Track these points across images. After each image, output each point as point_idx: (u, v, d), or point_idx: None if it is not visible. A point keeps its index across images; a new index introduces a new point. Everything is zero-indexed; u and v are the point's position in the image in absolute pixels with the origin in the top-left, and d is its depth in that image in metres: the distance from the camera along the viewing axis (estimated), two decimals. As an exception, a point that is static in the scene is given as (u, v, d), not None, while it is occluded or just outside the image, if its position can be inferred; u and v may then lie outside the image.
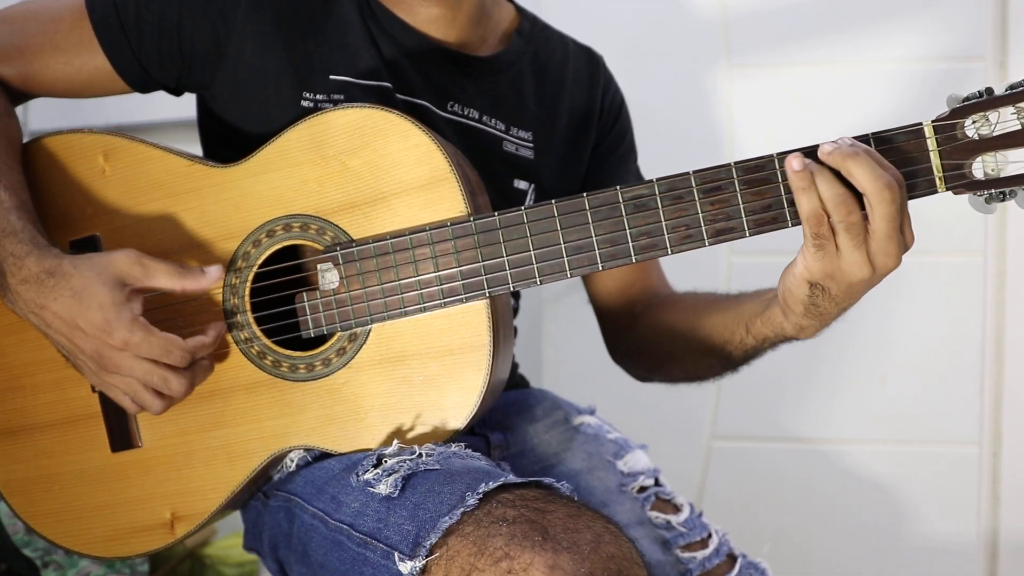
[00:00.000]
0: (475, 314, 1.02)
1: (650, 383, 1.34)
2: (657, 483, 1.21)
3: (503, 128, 1.23)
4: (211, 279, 1.02)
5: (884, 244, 0.91)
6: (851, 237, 0.91)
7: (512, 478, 0.92)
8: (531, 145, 1.25)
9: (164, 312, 1.07)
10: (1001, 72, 1.80)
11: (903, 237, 0.92)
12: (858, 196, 0.90)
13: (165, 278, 1.00)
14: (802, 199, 0.91)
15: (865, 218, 0.91)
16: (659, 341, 1.25)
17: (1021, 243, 1.84)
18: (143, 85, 1.16)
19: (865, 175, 0.89)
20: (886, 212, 0.89)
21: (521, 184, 1.24)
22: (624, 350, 1.34)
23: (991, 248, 1.85)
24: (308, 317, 1.06)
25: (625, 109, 1.37)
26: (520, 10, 1.31)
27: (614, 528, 0.89)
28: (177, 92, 1.19)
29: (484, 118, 1.21)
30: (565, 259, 1.00)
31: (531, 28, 1.29)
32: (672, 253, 0.98)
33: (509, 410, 1.27)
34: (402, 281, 1.03)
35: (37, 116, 1.21)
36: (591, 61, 1.34)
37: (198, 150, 1.20)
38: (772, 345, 1.10)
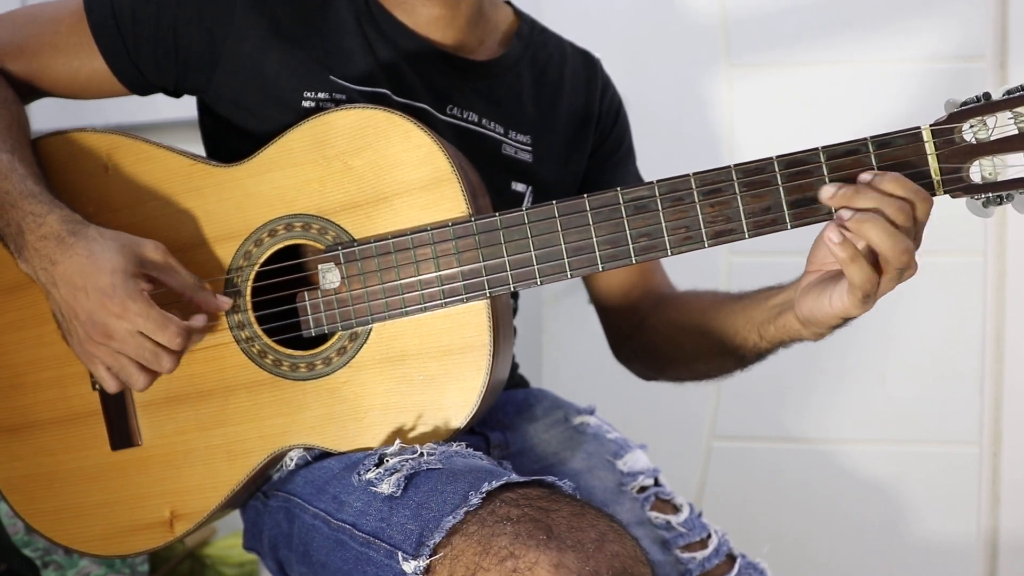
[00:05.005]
0: (475, 314, 1.02)
1: (654, 381, 1.34)
2: (657, 483, 1.21)
3: (502, 131, 1.23)
4: (219, 304, 1.05)
5: (911, 270, 0.95)
6: (898, 276, 0.93)
7: (515, 477, 0.92)
8: (529, 148, 1.25)
9: (164, 298, 1.06)
10: (1001, 72, 1.80)
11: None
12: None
13: (177, 280, 1.02)
14: (852, 271, 0.92)
15: None
16: (667, 344, 1.25)
17: (1021, 243, 1.84)
18: (141, 88, 1.17)
19: (885, 243, 0.91)
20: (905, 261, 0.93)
21: (519, 186, 1.24)
22: (629, 351, 1.34)
23: (991, 248, 1.85)
24: (309, 316, 1.06)
25: (623, 111, 1.36)
26: (518, 13, 1.31)
27: (618, 526, 0.89)
28: (176, 95, 1.19)
29: (483, 121, 1.21)
30: (566, 260, 1.00)
31: (529, 31, 1.29)
32: (672, 254, 0.98)
33: (509, 409, 1.27)
34: (403, 281, 1.03)
35: (38, 116, 1.21)
36: (588, 64, 1.33)
37: (199, 150, 1.20)
38: (786, 346, 1.11)
